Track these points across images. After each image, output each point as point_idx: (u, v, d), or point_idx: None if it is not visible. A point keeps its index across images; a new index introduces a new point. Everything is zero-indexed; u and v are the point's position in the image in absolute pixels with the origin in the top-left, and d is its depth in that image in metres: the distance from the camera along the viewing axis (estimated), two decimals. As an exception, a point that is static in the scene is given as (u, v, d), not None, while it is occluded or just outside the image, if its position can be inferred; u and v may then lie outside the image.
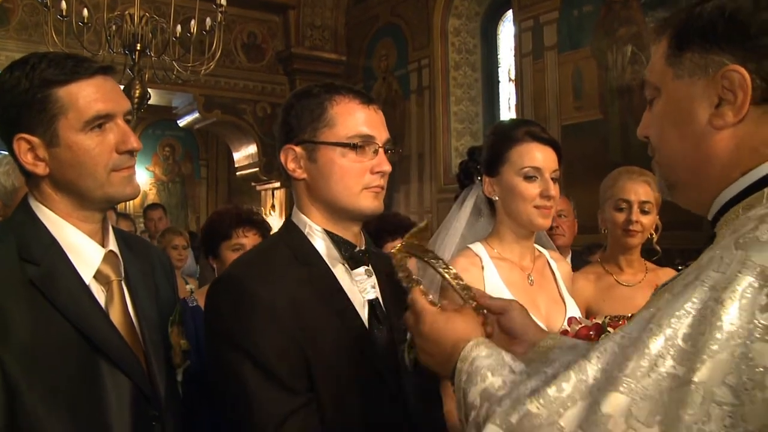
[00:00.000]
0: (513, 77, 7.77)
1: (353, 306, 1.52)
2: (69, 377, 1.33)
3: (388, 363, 1.53)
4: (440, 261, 1.40)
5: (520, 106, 7.23)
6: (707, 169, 1.00)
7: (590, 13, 6.42)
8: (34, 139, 1.38)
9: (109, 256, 1.48)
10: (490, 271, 1.94)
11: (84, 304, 1.38)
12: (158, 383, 1.46)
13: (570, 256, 3.75)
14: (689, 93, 0.99)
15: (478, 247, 2.00)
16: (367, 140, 1.53)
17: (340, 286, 1.53)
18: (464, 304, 1.31)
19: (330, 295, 1.50)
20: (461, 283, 1.37)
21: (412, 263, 1.38)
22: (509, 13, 7.78)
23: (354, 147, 1.51)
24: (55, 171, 1.40)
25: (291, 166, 1.56)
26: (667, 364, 0.80)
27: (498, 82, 8.48)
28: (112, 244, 1.51)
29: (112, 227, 1.56)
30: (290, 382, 1.39)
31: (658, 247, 2.52)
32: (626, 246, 2.50)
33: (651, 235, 2.52)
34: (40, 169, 1.40)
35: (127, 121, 1.48)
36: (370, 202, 1.55)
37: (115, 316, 1.43)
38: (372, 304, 1.57)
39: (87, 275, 1.42)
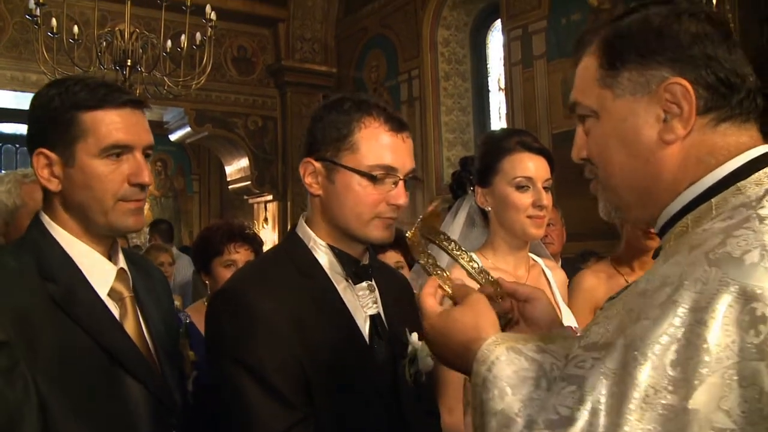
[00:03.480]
0: (503, 86, 7.79)
1: (354, 321, 1.51)
2: (93, 390, 1.38)
3: (388, 379, 1.52)
4: (454, 244, 1.33)
5: (510, 115, 7.25)
6: (656, 185, 0.98)
7: (578, 21, 6.46)
8: (53, 156, 1.44)
9: (121, 274, 1.54)
10: (485, 281, 1.93)
11: (102, 319, 1.45)
12: (174, 392, 1.52)
13: (560, 263, 3.74)
14: (633, 111, 0.98)
15: (472, 258, 1.99)
16: (389, 172, 1.49)
17: (342, 300, 1.52)
18: (483, 289, 1.22)
19: (331, 309, 1.49)
20: (477, 266, 1.31)
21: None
22: (498, 23, 7.81)
23: (373, 179, 1.48)
24: (67, 190, 1.46)
25: (308, 180, 1.53)
26: (660, 395, 0.76)
27: (488, 91, 8.51)
28: (122, 262, 1.56)
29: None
30: (289, 397, 1.38)
31: None
32: (645, 248, 2.49)
33: None
34: (53, 185, 1.46)
35: (147, 155, 1.52)
36: (380, 233, 1.52)
37: (130, 330, 1.50)
38: (373, 319, 1.55)
39: (102, 292, 1.48)
